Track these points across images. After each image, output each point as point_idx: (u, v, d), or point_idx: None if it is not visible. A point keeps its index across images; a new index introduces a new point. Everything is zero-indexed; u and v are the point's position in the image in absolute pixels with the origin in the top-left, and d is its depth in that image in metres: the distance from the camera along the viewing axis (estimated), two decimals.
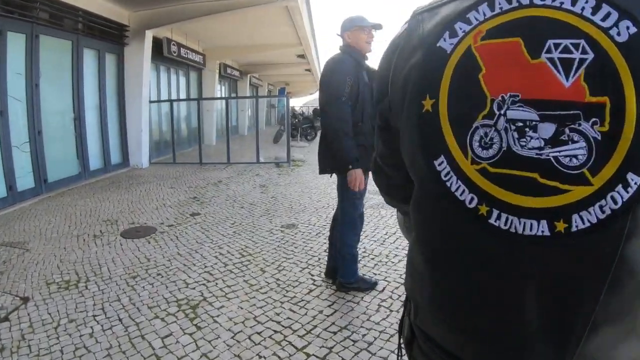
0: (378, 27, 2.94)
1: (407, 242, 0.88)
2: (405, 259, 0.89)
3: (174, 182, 7.45)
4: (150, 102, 9.88)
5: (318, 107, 3.09)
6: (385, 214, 5.20)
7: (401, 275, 3.41)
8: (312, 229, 4.69)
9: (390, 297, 3.05)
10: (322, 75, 2.92)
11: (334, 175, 3.09)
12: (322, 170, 3.16)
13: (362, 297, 3.04)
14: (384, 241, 4.25)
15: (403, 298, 3.03)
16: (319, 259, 3.74)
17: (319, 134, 18.73)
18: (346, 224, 3.04)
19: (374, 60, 2.86)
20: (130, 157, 9.22)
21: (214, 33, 12.19)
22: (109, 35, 8.22)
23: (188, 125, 13.37)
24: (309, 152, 13.00)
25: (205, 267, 3.55)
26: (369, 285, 3.18)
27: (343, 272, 3.10)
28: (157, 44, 10.35)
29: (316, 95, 61.72)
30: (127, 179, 7.81)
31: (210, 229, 4.65)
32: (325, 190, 6.83)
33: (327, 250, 3.46)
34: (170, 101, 10.54)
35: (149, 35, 9.03)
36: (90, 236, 4.37)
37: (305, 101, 53.73)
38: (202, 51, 13.63)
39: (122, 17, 8.52)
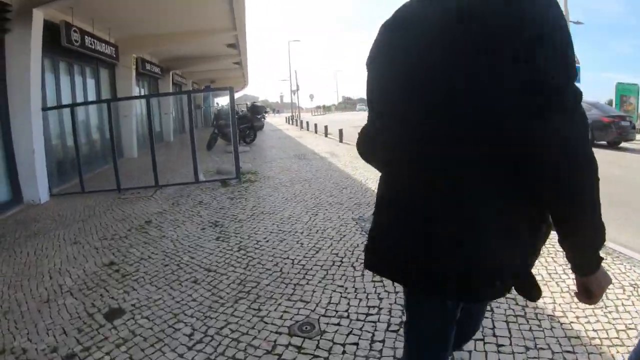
0: None
1: None
2: None
3: (79, 230, 4.78)
4: (45, 109, 7.08)
5: (256, 102, 0.93)
6: None
7: None
8: (355, 328, 2.44)
9: None
10: (549, 25, 0.89)
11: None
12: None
13: None
14: None
15: None
16: None
17: (258, 135, 15.98)
18: None
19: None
20: (24, 190, 6.37)
21: (129, 17, 9.42)
22: None
23: (102, 137, 10.42)
24: (255, 158, 10.68)
25: None
26: None
27: None
28: (53, 31, 7.53)
29: (244, 92, 56.67)
30: (16, 227, 5.03)
31: None
32: (315, 224, 4.60)
33: None
34: (71, 106, 7.68)
35: (39, 16, 6.24)
36: None
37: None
38: (114, 42, 10.69)
39: None
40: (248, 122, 14.22)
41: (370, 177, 6.98)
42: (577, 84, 0.89)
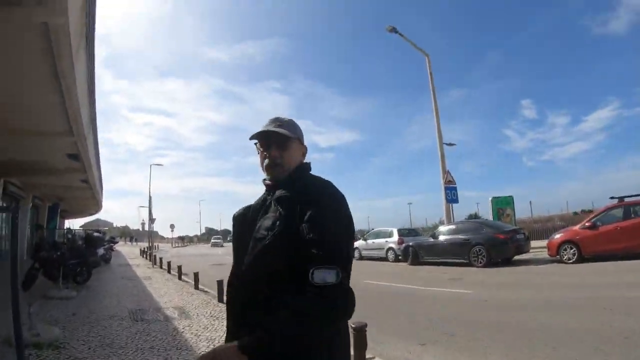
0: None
1: None
2: None
3: None
4: None
5: (97, 231, 0.13)
6: None
7: None
8: None
9: None
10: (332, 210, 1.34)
11: None
12: None
13: None
14: None
15: None
16: None
17: (100, 272, 11.89)
18: None
19: None
20: None
21: None
22: None
23: None
24: (74, 313, 7.23)
25: None
26: None
27: None
28: None
29: (97, 216, 49.19)
30: None
31: None
32: None
33: None
34: None
35: None
36: None
37: (83, 222, 43.78)
38: None
39: None
40: (81, 256, 10.56)
41: None
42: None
